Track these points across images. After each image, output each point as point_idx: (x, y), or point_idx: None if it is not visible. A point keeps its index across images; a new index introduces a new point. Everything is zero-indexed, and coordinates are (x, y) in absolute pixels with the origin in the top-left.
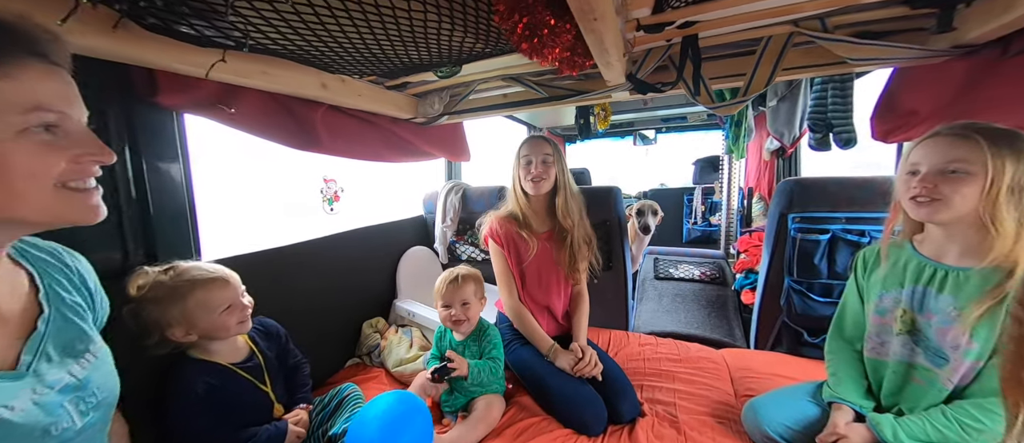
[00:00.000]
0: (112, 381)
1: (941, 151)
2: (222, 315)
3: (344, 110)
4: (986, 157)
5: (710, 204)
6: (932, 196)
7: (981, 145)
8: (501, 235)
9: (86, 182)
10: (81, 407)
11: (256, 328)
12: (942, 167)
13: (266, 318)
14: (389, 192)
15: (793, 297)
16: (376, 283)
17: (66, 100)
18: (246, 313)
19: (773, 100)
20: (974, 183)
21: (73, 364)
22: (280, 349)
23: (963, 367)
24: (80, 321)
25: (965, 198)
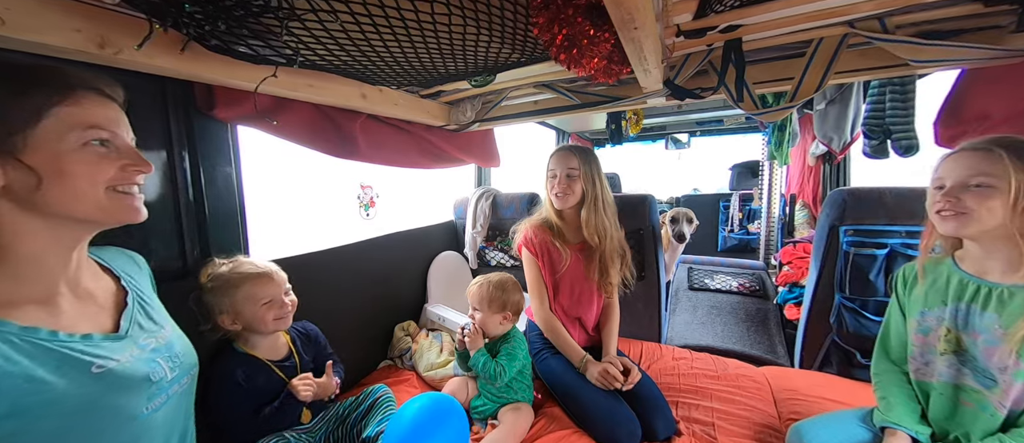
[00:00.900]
0: (189, 349)
1: (964, 165)
2: (262, 308)
3: (381, 119)
4: (1009, 171)
5: (748, 211)
6: (956, 209)
7: (1003, 159)
8: (536, 244)
9: (131, 188)
10: (169, 364)
11: (297, 330)
12: (965, 181)
13: (308, 322)
14: (421, 198)
15: (845, 315)
16: (408, 287)
17: (116, 123)
18: (285, 310)
19: (821, 103)
20: (999, 196)
21: (157, 331)
22: (317, 353)
23: (1014, 390)
24: (152, 301)
25: (991, 211)
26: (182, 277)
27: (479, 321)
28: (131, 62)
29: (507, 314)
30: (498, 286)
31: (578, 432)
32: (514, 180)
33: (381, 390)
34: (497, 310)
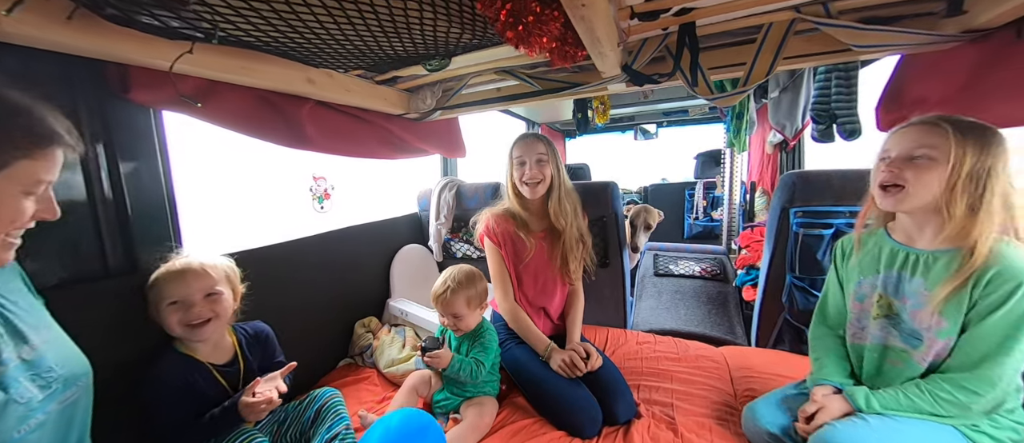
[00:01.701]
0: (72, 359)
1: (910, 138)
2: (166, 310)
3: (333, 106)
4: (951, 145)
5: (712, 199)
6: (896, 181)
7: (948, 133)
8: (498, 234)
9: (16, 237)
10: (38, 382)
11: (245, 331)
12: (909, 153)
13: (260, 323)
14: (383, 189)
15: (796, 294)
16: (369, 282)
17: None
18: (195, 314)
19: (775, 91)
20: (936, 169)
21: (23, 347)
22: (265, 356)
23: (937, 346)
24: (20, 311)
25: (926, 185)
26: (104, 278)
27: (463, 323)
28: (6, 34)
29: (483, 304)
30: (468, 282)
31: (540, 421)
32: (482, 170)
33: (328, 394)
34: (476, 305)
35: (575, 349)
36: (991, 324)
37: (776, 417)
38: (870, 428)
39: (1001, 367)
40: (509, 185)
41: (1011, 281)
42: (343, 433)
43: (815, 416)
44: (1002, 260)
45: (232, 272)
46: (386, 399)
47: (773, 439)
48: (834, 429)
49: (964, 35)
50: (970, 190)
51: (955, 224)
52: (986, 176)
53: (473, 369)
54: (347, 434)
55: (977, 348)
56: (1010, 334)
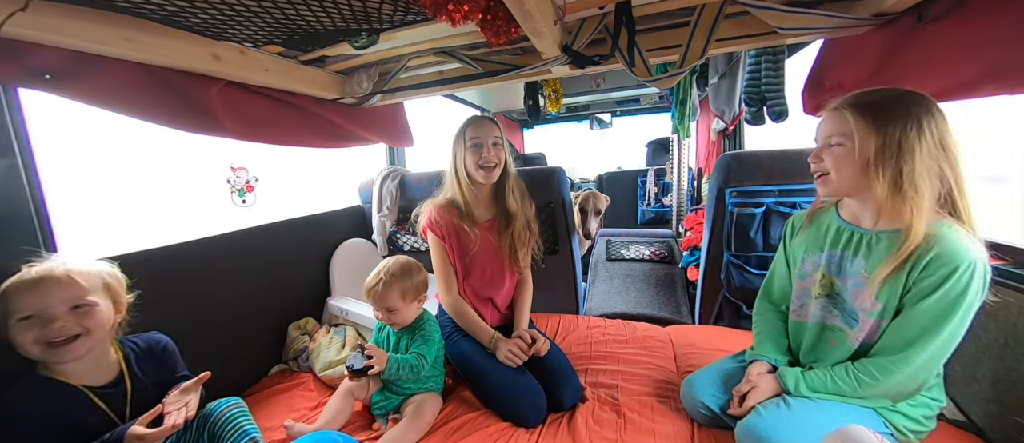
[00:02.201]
0: None
1: (826, 126)
2: (17, 327)
3: (252, 88)
4: (851, 128)
5: (663, 185)
6: (819, 169)
7: (847, 118)
8: (442, 226)
9: None
10: None
11: (134, 346)
12: (826, 141)
13: (157, 334)
14: (321, 180)
15: (733, 271)
16: (306, 281)
17: None
18: (60, 329)
19: (714, 77)
20: (848, 153)
21: None
22: (163, 373)
23: (868, 326)
24: None
25: (841, 170)
26: None
27: (399, 317)
28: None
29: (421, 297)
30: (404, 274)
31: (486, 413)
32: (433, 161)
33: (223, 406)
34: (412, 298)
35: (520, 336)
36: (923, 309)
37: (712, 392)
38: (792, 414)
39: (926, 352)
40: (460, 171)
41: (947, 266)
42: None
43: (747, 396)
44: (940, 243)
45: (113, 279)
46: (321, 405)
47: (709, 412)
48: (760, 418)
49: (875, 18)
50: (884, 167)
51: (881, 203)
52: (898, 149)
53: (414, 365)
54: None
55: (906, 332)
56: (939, 319)
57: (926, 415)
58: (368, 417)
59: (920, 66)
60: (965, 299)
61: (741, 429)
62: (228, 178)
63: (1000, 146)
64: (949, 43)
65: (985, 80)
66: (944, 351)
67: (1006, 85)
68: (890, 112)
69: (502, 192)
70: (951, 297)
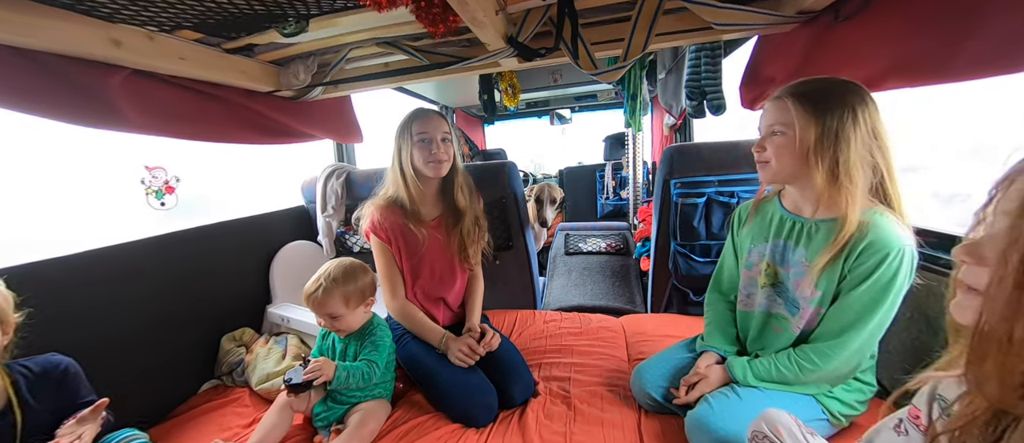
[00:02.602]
0: None
1: (768, 115)
2: None
3: (164, 78)
4: (792, 118)
5: (620, 179)
6: (761, 158)
7: (788, 107)
8: (386, 229)
9: None
10: None
11: (24, 370)
12: (768, 130)
13: (53, 355)
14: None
15: (679, 260)
16: (243, 288)
17: None
18: None
19: (663, 73)
20: (789, 142)
21: None
22: (62, 399)
23: (809, 314)
24: None
25: (782, 158)
26: None
27: (343, 324)
28: None
29: (368, 301)
30: (347, 277)
31: (436, 416)
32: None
33: (120, 437)
34: (358, 302)
35: (471, 332)
36: (857, 295)
37: (660, 383)
38: (741, 403)
39: (861, 336)
40: (405, 167)
41: (879, 253)
42: None
43: (696, 387)
44: (872, 231)
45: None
46: (256, 422)
47: (655, 402)
48: (710, 408)
49: (799, 16)
50: (823, 156)
51: (819, 192)
52: (835, 139)
53: (365, 373)
54: None
55: (842, 318)
56: (872, 305)
57: (859, 400)
58: (309, 430)
59: (837, 61)
60: (895, 284)
61: (691, 419)
62: (142, 178)
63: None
64: (859, 39)
65: (890, 74)
66: (877, 334)
67: (907, 78)
68: (828, 101)
69: (450, 188)
70: (883, 282)
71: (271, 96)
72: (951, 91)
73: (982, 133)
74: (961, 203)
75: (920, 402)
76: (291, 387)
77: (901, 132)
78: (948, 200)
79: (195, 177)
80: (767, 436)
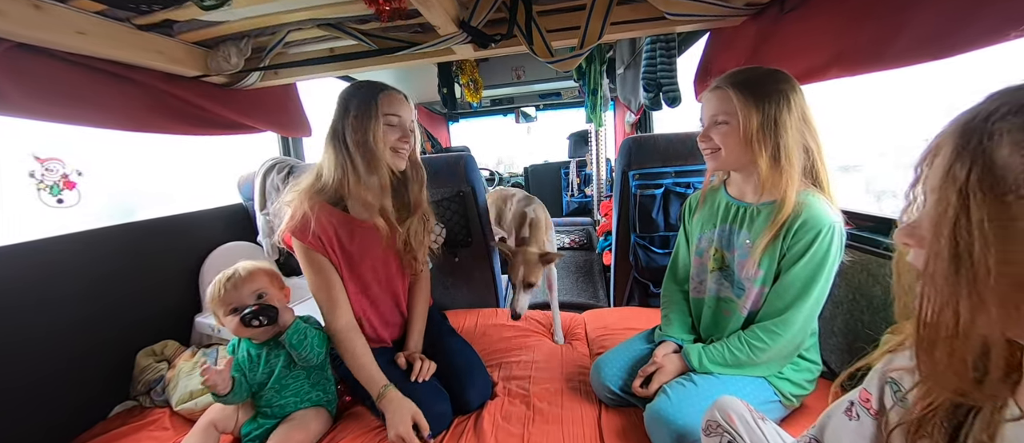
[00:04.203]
0: None
1: (710, 105)
2: None
3: (57, 55)
4: (735, 106)
5: (585, 176)
6: (709, 147)
7: (730, 96)
8: (319, 234)
9: None
10: None
11: None
12: (712, 119)
13: None
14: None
15: (639, 252)
16: (165, 296)
17: None
18: None
19: (621, 68)
20: (734, 130)
21: None
22: None
23: (754, 294)
24: None
25: (729, 146)
26: None
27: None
28: None
29: (286, 290)
30: (253, 268)
31: (382, 428)
32: None
33: None
34: (278, 284)
35: (409, 357)
36: (796, 272)
37: (618, 375)
38: (698, 391)
39: (802, 311)
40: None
41: (813, 230)
42: None
43: (653, 377)
44: (806, 210)
45: None
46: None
47: (614, 396)
48: (668, 399)
49: (747, 8)
50: (766, 142)
51: (764, 177)
52: (775, 125)
53: (315, 342)
54: None
55: (784, 295)
56: (810, 280)
57: (807, 379)
58: None
59: (783, 53)
60: (829, 259)
61: (650, 412)
62: (32, 171)
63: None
64: (803, 31)
65: (833, 64)
66: (816, 308)
67: (848, 67)
68: (765, 89)
69: (405, 181)
70: (818, 258)
71: (199, 81)
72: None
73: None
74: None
75: (871, 386)
76: (245, 316)
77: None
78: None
79: (101, 171)
80: (721, 424)
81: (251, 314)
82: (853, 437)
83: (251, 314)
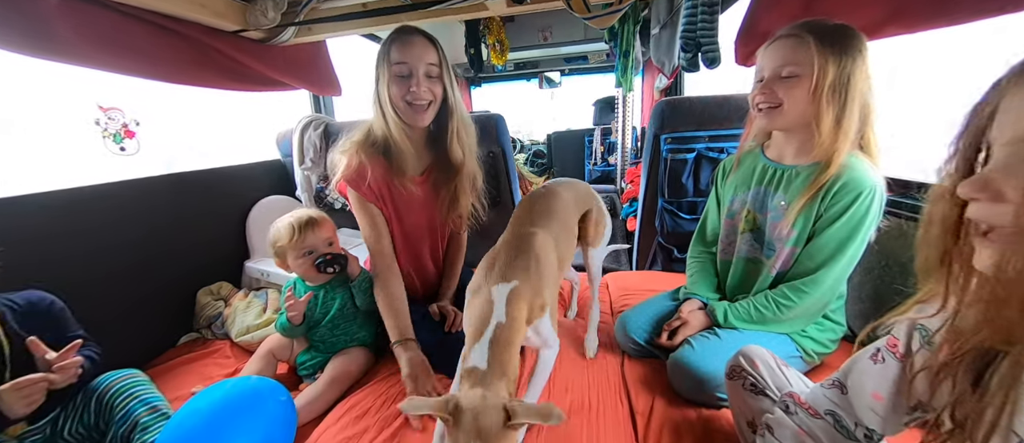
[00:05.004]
0: None
1: (777, 55)
2: None
3: (112, 5)
4: (813, 56)
5: (609, 144)
6: (771, 102)
7: (809, 45)
8: (372, 183)
9: None
10: None
11: (11, 304)
12: (777, 72)
13: (35, 291)
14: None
15: (665, 217)
16: (218, 242)
17: None
18: None
19: (656, 28)
20: (803, 84)
21: None
22: (50, 331)
23: (784, 254)
24: None
25: (795, 101)
26: None
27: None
28: None
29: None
30: (321, 217)
31: None
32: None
33: (112, 378)
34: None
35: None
36: (831, 233)
37: (643, 328)
38: (722, 343)
39: (833, 271)
40: (384, 105)
41: (853, 191)
42: (145, 419)
43: (678, 331)
44: (847, 172)
45: None
46: (238, 371)
47: (639, 347)
48: (692, 350)
49: None
50: (835, 100)
51: (823, 135)
52: (847, 82)
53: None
54: (152, 419)
55: (816, 256)
56: (845, 241)
57: (831, 338)
58: (294, 379)
59: (838, 7)
60: (866, 221)
61: (673, 360)
62: (97, 119)
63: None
64: None
65: (890, 20)
66: (847, 270)
67: (905, 24)
68: (843, 42)
69: (442, 137)
70: (856, 219)
71: (238, 37)
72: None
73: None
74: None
75: (899, 332)
76: (320, 262)
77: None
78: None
79: (155, 122)
80: (744, 369)
81: (326, 261)
82: (878, 379)
83: (326, 261)
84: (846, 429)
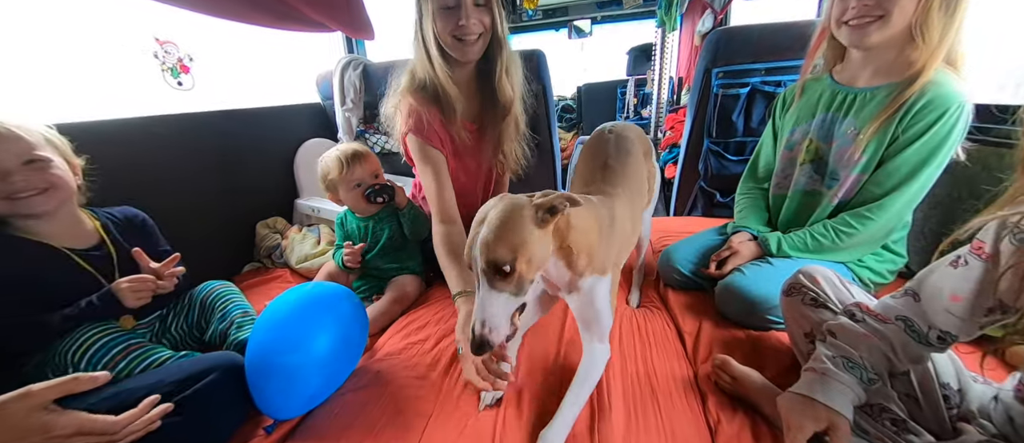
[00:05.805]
0: None
1: None
2: None
3: None
4: None
5: (642, 96)
6: (872, 13)
7: None
8: (436, 129)
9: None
10: None
11: (111, 216)
12: None
13: (129, 207)
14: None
15: (710, 159)
16: (270, 179)
17: None
18: (21, 183)
19: None
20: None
21: None
22: (144, 244)
23: (849, 181)
24: None
25: (903, 9)
26: None
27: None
28: None
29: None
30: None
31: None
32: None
33: (214, 285)
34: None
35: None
36: (906, 156)
37: (689, 259)
38: (774, 270)
39: (903, 196)
40: (429, 44)
41: (938, 110)
42: (240, 319)
43: (727, 261)
44: (933, 89)
45: (55, 138)
46: None
47: (684, 278)
48: (743, 275)
49: None
50: (947, 6)
51: (927, 51)
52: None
53: (422, 219)
54: (244, 319)
55: (885, 182)
56: (921, 164)
57: (890, 269)
58: None
59: None
60: (949, 140)
61: (722, 285)
62: (155, 52)
63: None
64: None
65: None
66: (919, 196)
67: None
68: None
69: (491, 74)
70: (938, 139)
71: None
72: None
73: None
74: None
75: (985, 235)
76: (370, 193)
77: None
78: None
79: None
80: (805, 285)
81: (375, 191)
82: (957, 281)
83: (375, 191)
84: (918, 332)
